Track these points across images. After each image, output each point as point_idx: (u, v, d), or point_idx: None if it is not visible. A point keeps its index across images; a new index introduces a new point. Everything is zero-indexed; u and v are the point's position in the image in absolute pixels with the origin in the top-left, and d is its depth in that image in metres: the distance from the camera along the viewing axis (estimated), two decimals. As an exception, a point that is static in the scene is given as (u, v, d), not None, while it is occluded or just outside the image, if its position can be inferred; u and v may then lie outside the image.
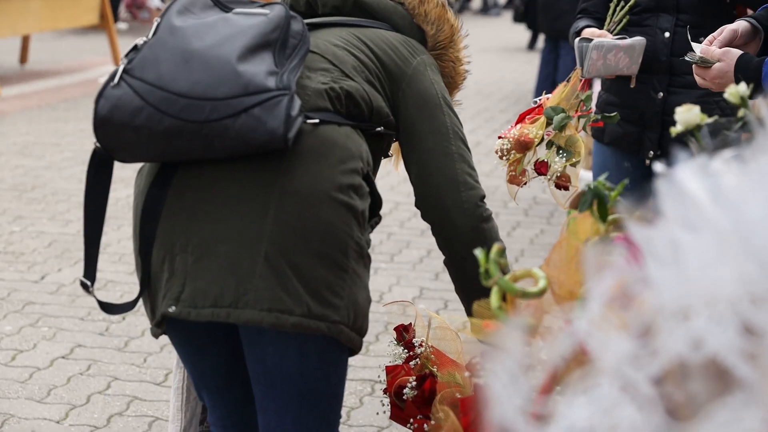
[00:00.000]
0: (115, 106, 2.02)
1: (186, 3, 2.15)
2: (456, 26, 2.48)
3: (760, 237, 0.88)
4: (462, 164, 2.30)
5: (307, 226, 2.04)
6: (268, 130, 1.99)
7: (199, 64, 2.01)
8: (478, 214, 2.29)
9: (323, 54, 2.23)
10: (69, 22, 10.72)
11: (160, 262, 2.10)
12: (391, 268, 5.26)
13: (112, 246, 5.45)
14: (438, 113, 2.31)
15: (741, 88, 1.46)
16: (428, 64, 2.35)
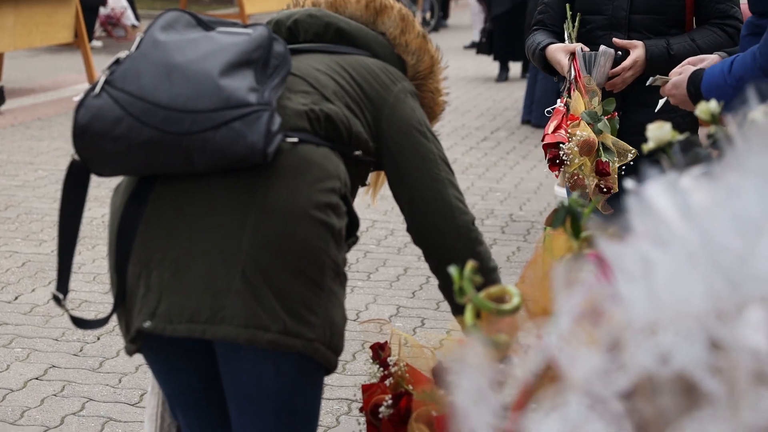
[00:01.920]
0: (95, 116, 2.03)
1: (170, 20, 2.16)
2: (436, 57, 2.50)
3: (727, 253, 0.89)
4: (452, 189, 2.33)
5: (285, 243, 2.04)
6: (248, 144, 1.99)
7: (181, 77, 2.02)
8: (474, 236, 2.33)
9: (304, 77, 2.24)
10: (43, 41, 10.68)
11: (135, 278, 2.10)
12: (367, 286, 5.25)
13: (86, 265, 5.42)
14: (422, 139, 2.33)
15: (711, 106, 1.48)
16: (409, 91, 2.37)
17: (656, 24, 3.43)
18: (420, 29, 2.48)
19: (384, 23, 2.45)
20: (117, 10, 14.69)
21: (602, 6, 3.47)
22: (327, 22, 2.40)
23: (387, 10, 2.46)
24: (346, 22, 2.42)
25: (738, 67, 2.51)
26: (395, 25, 2.45)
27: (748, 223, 0.91)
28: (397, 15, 2.46)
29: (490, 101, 11.01)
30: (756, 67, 2.46)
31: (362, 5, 2.46)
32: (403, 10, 2.48)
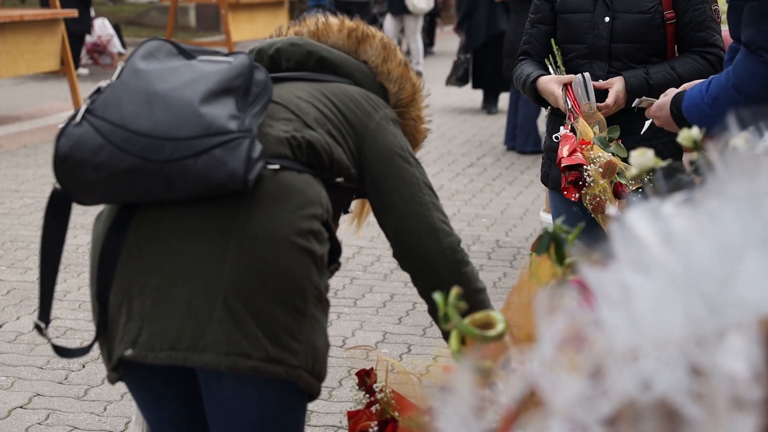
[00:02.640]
0: (76, 144, 2.03)
1: (151, 49, 2.17)
2: (418, 85, 2.52)
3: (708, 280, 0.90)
4: (436, 212, 2.33)
5: (266, 270, 2.04)
6: (228, 171, 2.00)
7: (162, 105, 2.03)
8: (459, 259, 2.32)
9: (286, 104, 2.25)
10: (30, 68, 10.68)
11: (117, 306, 2.09)
12: (354, 312, 5.25)
13: (71, 293, 5.40)
14: (405, 165, 2.33)
15: (693, 132, 1.49)
16: (390, 118, 2.38)
17: (637, 52, 3.46)
18: (402, 57, 2.50)
19: (366, 52, 2.47)
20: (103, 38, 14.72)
21: (583, 35, 3.49)
22: (309, 50, 2.41)
23: (369, 38, 2.48)
24: (328, 51, 2.43)
25: (714, 87, 2.55)
26: (377, 53, 2.46)
27: (729, 250, 0.91)
28: (379, 44, 2.48)
29: (476, 128, 11.04)
30: (729, 85, 2.49)
31: (344, 34, 2.48)
32: (384, 39, 2.50)
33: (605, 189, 3.14)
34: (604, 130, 3.31)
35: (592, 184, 3.17)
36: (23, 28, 10.24)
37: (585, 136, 3.24)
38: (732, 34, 2.67)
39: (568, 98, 3.37)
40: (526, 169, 8.89)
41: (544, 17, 3.59)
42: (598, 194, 3.15)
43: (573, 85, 3.37)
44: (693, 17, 3.44)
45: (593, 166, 3.14)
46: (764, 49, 2.44)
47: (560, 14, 3.55)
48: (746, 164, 1.02)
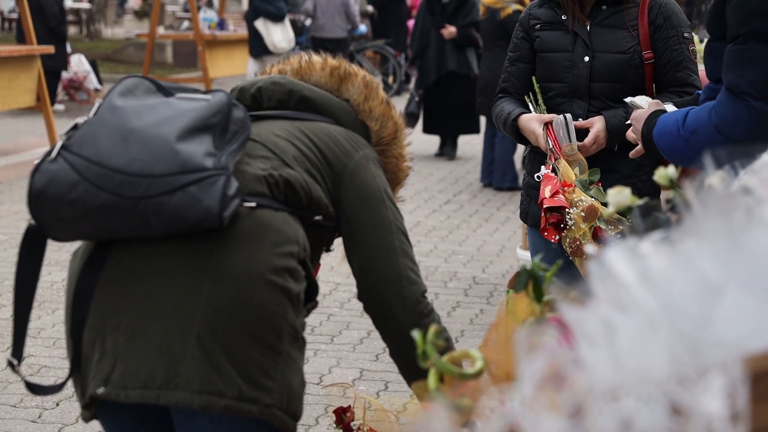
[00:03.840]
0: (51, 180, 2.03)
1: (129, 86, 2.17)
2: (400, 123, 2.52)
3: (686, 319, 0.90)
4: (405, 259, 2.32)
5: (241, 308, 2.03)
6: (204, 207, 2.00)
7: (138, 142, 2.03)
8: (420, 309, 2.30)
9: (264, 143, 2.25)
10: (5, 104, 10.64)
11: (90, 343, 2.08)
12: (331, 349, 5.23)
13: (46, 330, 5.36)
14: (381, 207, 2.33)
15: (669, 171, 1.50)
16: (371, 158, 2.38)
17: (616, 92, 3.50)
18: (383, 96, 2.51)
19: (348, 90, 2.47)
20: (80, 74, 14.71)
21: (563, 74, 3.53)
22: (290, 89, 2.42)
23: (351, 77, 2.48)
24: (309, 90, 2.43)
25: (692, 121, 2.57)
26: (359, 91, 2.47)
27: (707, 288, 0.92)
28: (361, 82, 2.48)
29: (453, 164, 11.08)
30: (710, 124, 2.52)
31: (327, 72, 2.48)
32: (367, 77, 2.50)
33: (585, 233, 3.16)
34: (585, 172, 3.33)
35: (573, 228, 3.19)
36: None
37: (566, 178, 3.26)
38: (709, 74, 2.70)
39: (549, 138, 3.39)
40: (502, 206, 8.92)
41: (524, 56, 3.62)
42: (578, 238, 3.17)
43: (554, 126, 3.39)
44: (671, 57, 3.48)
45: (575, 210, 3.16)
46: (749, 94, 2.46)
47: (540, 53, 3.58)
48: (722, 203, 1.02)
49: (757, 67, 2.46)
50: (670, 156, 2.64)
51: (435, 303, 5.99)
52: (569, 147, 3.35)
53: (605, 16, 3.53)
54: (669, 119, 2.65)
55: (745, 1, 2.47)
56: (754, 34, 2.46)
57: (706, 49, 2.70)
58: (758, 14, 2.47)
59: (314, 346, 5.13)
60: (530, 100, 3.56)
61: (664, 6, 3.52)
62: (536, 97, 3.56)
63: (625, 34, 3.51)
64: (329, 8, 14.91)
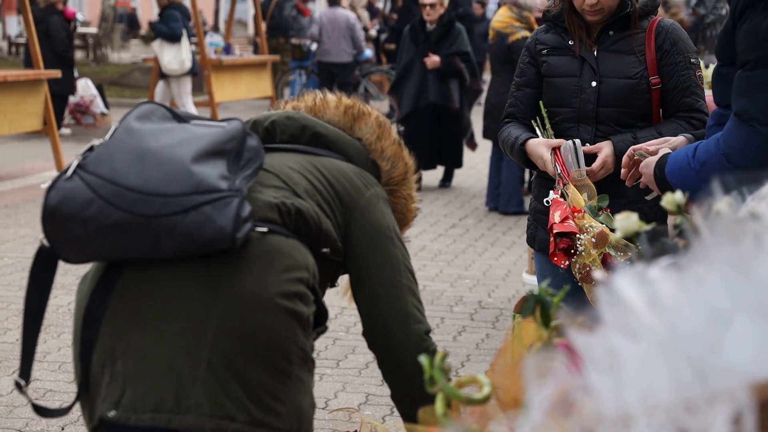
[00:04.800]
0: (66, 198, 2.04)
1: (146, 111, 2.19)
2: (410, 165, 2.54)
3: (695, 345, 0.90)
4: (411, 297, 2.33)
5: (251, 332, 2.04)
6: (217, 228, 2.01)
7: (153, 162, 2.05)
8: (424, 347, 2.31)
9: (277, 173, 2.27)
10: (12, 128, 10.69)
11: (100, 366, 2.09)
12: (336, 373, 5.22)
13: (51, 354, 5.35)
14: (389, 245, 2.34)
15: (677, 196, 1.50)
16: (381, 196, 2.40)
17: (623, 117, 3.51)
18: (396, 137, 2.53)
19: (361, 129, 2.50)
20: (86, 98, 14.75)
21: (570, 99, 3.54)
22: (304, 124, 2.44)
23: (365, 116, 2.51)
24: (323, 126, 2.45)
25: (702, 153, 2.57)
26: (372, 131, 2.50)
27: (716, 315, 0.92)
28: (374, 122, 2.51)
29: (458, 188, 11.08)
30: (719, 153, 2.51)
31: (341, 111, 2.51)
32: (380, 118, 2.53)
33: (595, 260, 3.16)
34: (594, 197, 3.34)
35: (583, 254, 3.19)
36: (6, 88, 10.26)
37: (576, 204, 3.27)
38: (717, 100, 2.70)
39: (557, 163, 3.40)
40: (508, 230, 8.91)
41: (530, 81, 3.64)
42: (588, 264, 3.17)
43: (562, 151, 3.40)
44: (678, 83, 3.50)
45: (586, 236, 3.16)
46: (757, 120, 2.46)
47: (547, 78, 3.60)
48: (731, 229, 1.02)
49: (767, 94, 2.46)
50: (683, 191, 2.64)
51: (441, 327, 5.98)
52: (578, 172, 3.36)
53: (612, 42, 3.55)
54: (679, 155, 2.66)
55: (755, 28, 2.48)
56: (764, 61, 2.46)
57: (714, 74, 2.71)
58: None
59: (320, 371, 5.11)
60: (537, 125, 3.57)
61: (670, 31, 3.54)
62: (543, 122, 3.57)
63: (632, 60, 3.52)
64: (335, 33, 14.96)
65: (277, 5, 17.43)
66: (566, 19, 3.57)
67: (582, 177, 3.35)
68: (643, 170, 2.83)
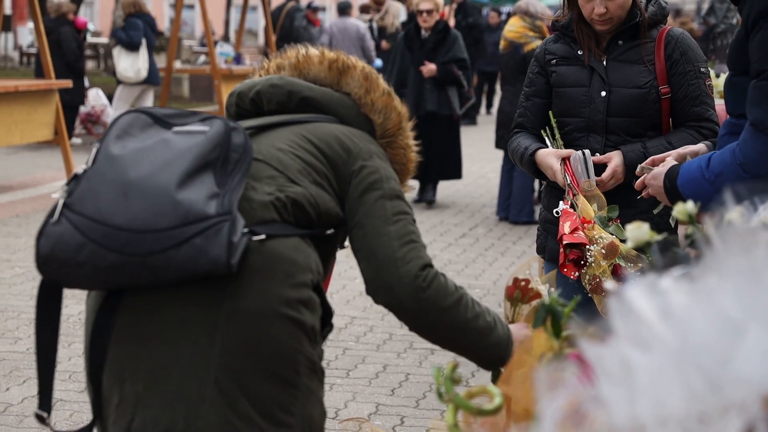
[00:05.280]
0: (57, 244, 2.02)
1: (124, 126, 2.14)
2: (403, 113, 2.46)
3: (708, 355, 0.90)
4: (396, 241, 2.22)
5: (257, 346, 2.03)
6: (211, 259, 1.98)
7: (138, 196, 2.01)
8: (417, 285, 2.19)
9: (268, 161, 2.21)
10: (23, 138, 10.72)
11: (109, 387, 2.09)
12: (346, 383, 5.21)
13: (62, 363, 5.36)
14: (376, 196, 2.26)
15: (688, 207, 1.50)
16: (374, 152, 2.33)
17: (633, 126, 3.51)
18: (384, 87, 2.45)
19: (348, 84, 2.42)
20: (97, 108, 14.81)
21: (579, 108, 3.54)
22: (289, 90, 2.38)
23: (350, 70, 2.43)
24: (309, 88, 2.39)
25: (716, 164, 2.55)
26: (359, 85, 2.42)
27: (729, 325, 0.91)
28: (361, 74, 2.43)
29: (468, 198, 11.08)
30: (735, 164, 2.50)
31: (325, 66, 2.43)
32: (366, 69, 2.45)
33: (605, 271, 3.16)
34: (604, 208, 3.33)
35: (593, 265, 3.19)
36: (18, 98, 10.30)
37: (586, 215, 3.26)
38: (729, 109, 2.69)
39: (566, 173, 3.39)
40: (518, 240, 8.90)
41: (540, 90, 3.64)
42: (598, 275, 3.16)
43: (572, 161, 3.40)
44: (688, 92, 3.49)
45: (596, 247, 3.16)
46: None
47: (556, 88, 3.60)
48: (743, 239, 1.02)
49: None
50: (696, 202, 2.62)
51: (451, 337, 5.97)
52: (587, 183, 3.35)
53: (621, 51, 3.54)
54: (692, 166, 2.64)
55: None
56: None
57: (726, 83, 2.70)
58: None
59: (330, 380, 5.11)
60: (547, 135, 3.57)
61: (680, 41, 3.53)
62: (553, 132, 3.56)
63: (641, 69, 3.52)
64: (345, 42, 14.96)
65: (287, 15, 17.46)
66: (575, 28, 3.57)
67: (591, 187, 3.35)
68: (650, 182, 2.82)
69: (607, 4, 3.45)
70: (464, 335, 2.25)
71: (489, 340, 2.28)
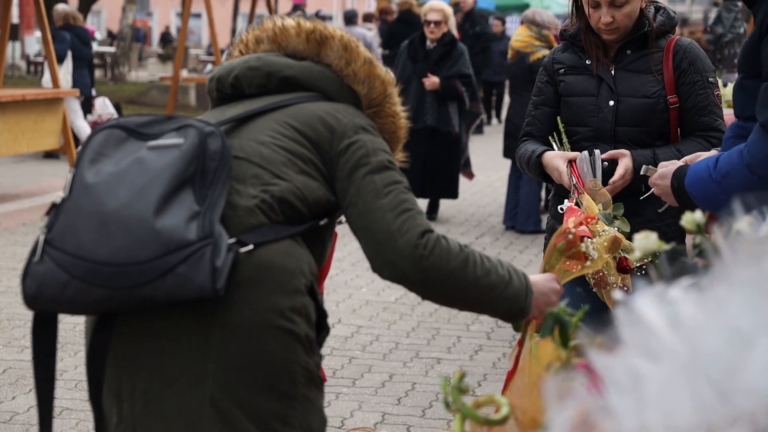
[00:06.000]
0: (42, 284, 2.01)
1: (98, 146, 2.10)
2: (388, 80, 2.38)
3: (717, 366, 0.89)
4: (390, 213, 2.17)
5: (251, 360, 2.02)
6: (196, 286, 1.96)
7: (117, 228, 1.98)
8: (418, 254, 2.14)
9: (250, 158, 2.16)
10: (31, 147, 10.74)
11: (108, 406, 2.10)
12: (352, 392, 5.20)
13: (68, 372, 5.36)
14: (365, 172, 2.20)
15: (696, 216, 1.49)
16: (359, 126, 2.26)
17: (641, 136, 3.51)
18: (366, 55, 2.37)
19: (328, 55, 2.35)
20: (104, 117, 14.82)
21: (588, 117, 3.54)
22: (268, 72, 2.32)
23: (328, 40, 2.35)
24: (288, 66, 2.33)
25: (724, 164, 2.54)
26: (339, 56, 2.34)
27: (738, 336, 0.91)
28: (339, 44, 2.35)
29: (475, 207, 11.07)
30: (743, 164, 2.49)
31: (303, 38, 2.36)
32: (344, 38, 2.37)
33: (608, 264, 3.16)
34: (609, 207, 3.34)
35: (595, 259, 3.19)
36: (25, 106, 10.32)
37: (590, 212, 3.27)
38: (738, 112, 2.68)
39: (572, 174, 3.39)
40: (525, 249, 8.89)
41: (548, 99, 3.64)
42: (601, 269, 3.16)
43: (578, 161, 3.40)
44: (696, 102, 3.49)
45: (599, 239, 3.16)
46: None
47: (564, 97, 3.60)
48: (752, 249, 1.02)
49: None
50: (703, 204, 2.61)
51: (457, 346, 5.97)
52: (593, 182, 3.35)
53: (630, 61, 3.54)
54: (699, 166, 2.64)
55: None
56: None
57: (736, 86, 2.69)
58: None
59: (336, 390, 5.11)
60: (554, 140, 3.56)
61: (688, 51, 3.53)
62: (560, 137, 3.56)
63: (650, 79, 3.51)
64: (352, 52, 14.91)
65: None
66: (583, 38, 3.57)
67: (597, 186, 3.35)
68: (657, 182, 2.82)
69: (614, 13, 3.45)
70: (478, 294, 2.19)
71: (507, 293, 2.20)
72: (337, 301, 6.76)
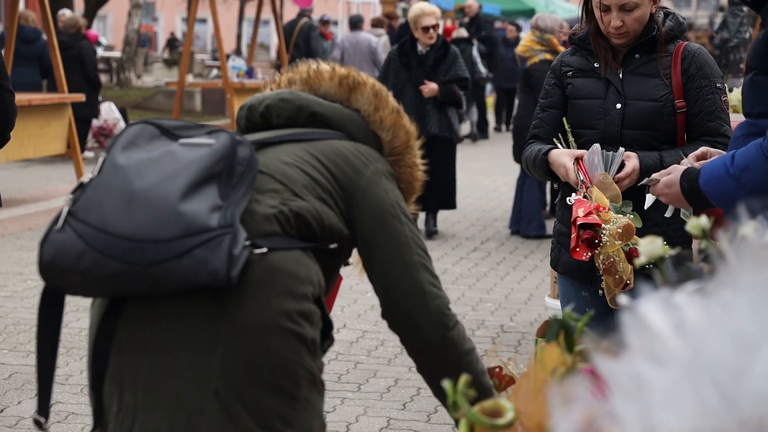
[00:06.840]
0: (59, 252, 2.02)
1: (132, 136, 2.14)
2: (412, 132, 2.46)
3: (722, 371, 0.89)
4: (425, 273, 2.28)
5: (257, 359, 2.03)
6: (211, 271, 1.98)
7: (141, 206, 2.01)
8: (445, 323, 2.27)
9: (272, 174, 2.21)
10: (37, 152, 10.77)
11: (109, 395, 2.10)
12: (357, 397, 5.20)
13: (74, 377, 5.37)
14: (395, 223, 2.28)
15: (702, 221, 1.49)
16: (382, 172, 2.33)
17: (648, 139, 3.51)
18: (394, 105, 2.45)
19: (358, 100, 2.42)
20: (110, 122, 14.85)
21: (594, 121, 3.54)
22: (299, 105, 2.38)
23: (360, 86, 2.43)
24: (318, 104, 2.39)
25: (741, 159, 2.52)
26: (369, 101, 2.42)
27: (744, 341, 0.91)
28: (370, 91, 2.43)
29: (480, 211, 11.07)
30: (763, 157, 2.47)
31: (336, 82, 2.43)
32: (376, 86, 2.44)
33: (619, 251, 3.16)
34: (618, 201, 3.34)
35: (607, 244, 3.19)
36: (31, 111, 10.34)
37: (600, 202, 3.27)
38: (748, 108, 2.66)
39: (579, 171, 3.38)
40: (530, 254, 8.89)
41: (555, 102, 3.64)
42: (612, 255, 3.16)
43: (588, 154, 3.39)
44: (703, 107, 3.49)
45: (612, 225, 3.16)
46: None
47: (572, 100, 3.60)
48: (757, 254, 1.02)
49: None
50: (720, 201, 2.59)
51: (463, 351, 5.96)
52: (603, 175, 3.35)
53: (638, 65, 3.55)
54: (715, 164, 2.61)
55: None
56: None
57: (747, 82, 2.67)
58: None
59: (341, 395, 5.11)
60: (559, 142, 3.56)
61: (696, 56, 3.53)
62: (566, 137, 3.55)
63: (657, 83, 3.51)
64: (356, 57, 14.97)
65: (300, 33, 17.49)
66: (592, 41, 3.58)
67: (607, 180, 3.34)
68: (664, 191, 2.80)
69: (624, 17, 3.45)
70: (451, 375, 2.27)
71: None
72: (342, 305, 6.76)
